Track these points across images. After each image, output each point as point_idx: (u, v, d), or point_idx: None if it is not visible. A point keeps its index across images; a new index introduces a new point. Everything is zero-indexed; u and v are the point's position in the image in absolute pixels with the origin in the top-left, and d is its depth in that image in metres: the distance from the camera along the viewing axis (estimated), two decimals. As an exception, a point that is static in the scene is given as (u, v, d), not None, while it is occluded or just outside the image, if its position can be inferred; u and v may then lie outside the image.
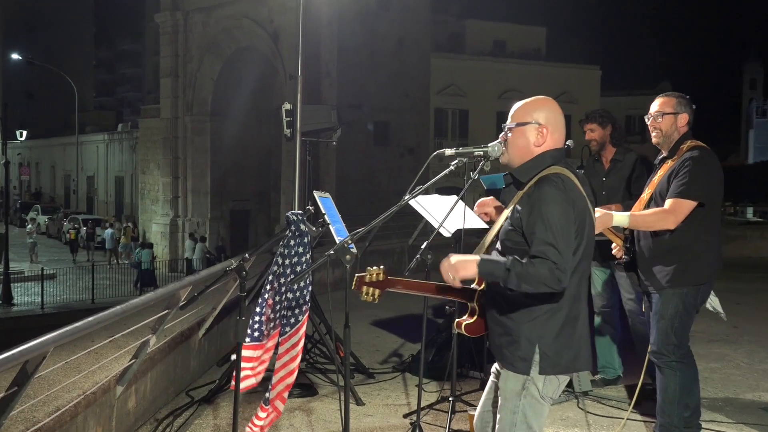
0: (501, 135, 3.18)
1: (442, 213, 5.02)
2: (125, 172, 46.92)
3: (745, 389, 6.17)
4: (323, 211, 5.42)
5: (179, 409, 5.43)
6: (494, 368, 3.27)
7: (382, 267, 3.24)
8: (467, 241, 4.66)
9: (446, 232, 5.14)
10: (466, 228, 4.61)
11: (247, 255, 4.34)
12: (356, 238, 3.58)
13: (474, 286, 3.25)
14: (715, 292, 4.63)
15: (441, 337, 6.43)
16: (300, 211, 4.69)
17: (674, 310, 4.40)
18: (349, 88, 28.35)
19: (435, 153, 3.48)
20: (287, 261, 4.49)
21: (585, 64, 42.90)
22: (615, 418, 5.32)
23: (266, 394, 4.37)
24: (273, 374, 4.40)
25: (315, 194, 5.59)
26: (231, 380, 5.56)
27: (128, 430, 4.81)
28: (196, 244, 31.12)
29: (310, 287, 4.55)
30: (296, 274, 4.42)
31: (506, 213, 3.12)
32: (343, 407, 3.93)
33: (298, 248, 4.51)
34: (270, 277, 4.51)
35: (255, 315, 4.48)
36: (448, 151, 3.35)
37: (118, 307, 3.91)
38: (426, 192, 3.67)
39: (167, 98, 34.32)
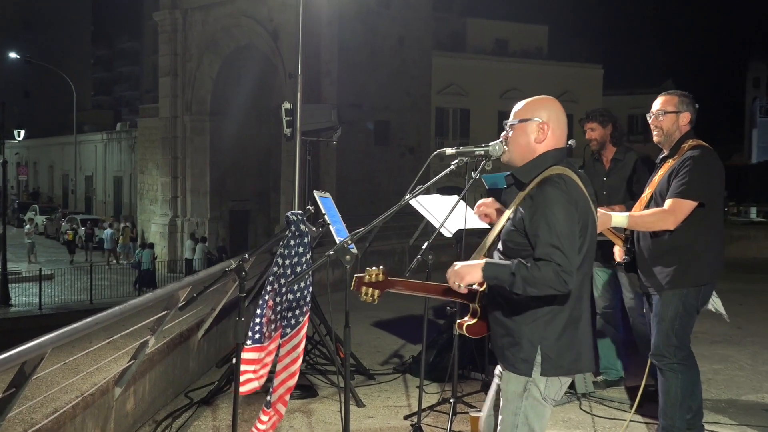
0: (503, 134, 3.18)
1: (443, 213, 5.03)
2: (124, 171, 46.95)
3: (748, 391, 6.17)
4: (323, 211, 5.42)
5: (178, 410, 5.43)
6: (498, 370, 3.27)
7: (381, 267, 3.22)
8: (468, 242, 4.65)
9: (447, 233, 5.14)
10: (467, 228, 4.60)
11: (246, 255, 4.34)
12: (356, 238, 3.58)
13: (476, 287, 3.25)
14: (717, 292, 4.62)
15: (442, 338, 6.43)
16: (300, 211, 4.70)
17: (674, 311, 4.38)
18: (350, 87, 28.35)
19: (436, 152, 3.47)
20: (287, 261, 4.49)
21: (587, 63, 42.90)
22: (617, 419, 5.32)
23: (268, 397, 4.37)
24: (274, 377, 4.40)
25: (315, 194, 5.59)
26: (230, 382, 5.57)
27: (127, 431, 4.81)
28: (197, 245, 31.12)
29: (310, 288, 4.55)
30: (296, 274, 4.42)
31: (508, 214, 3.10)
32: (343, 409, 3.93)
33: (298, 248, 4.52)
34: (270, 278, 4.51)
35: (256, 317, 4.48)
36: (449, 151, 3.35)
37: (116, 307, 3.91)
38: (427, 192, 3.67)
39: (166, 97, 34.32)
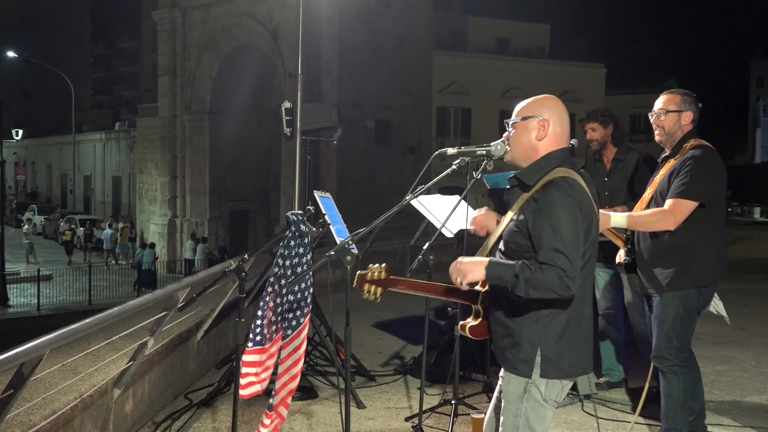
0: (505, 134, 3.17)
1: (445, 213, 5.02)
2: (123, 171, 46.96)
3: (752, 392, 6.16)
4: (324, 212, 5.42)
5: (177, 412, 5.43)
6: (502, 372, 3.27)
7: (384, 265, 3.20)
8: (470, 242, 4.64)
9: (448, 233, 5.14)
10: (468, 228, 4.59)
11: (246, 256, 4.34)
12: (357, 238, 3.58)
13: (478, 287, 3.24)
14: (721, 293, 4.61)
15: (443, 339, 6.43)
16: (300, 212, 4.70)
17: (675, 313, 4.36)
18: (350, 87, 28.35)
19: (437, 152, 3.47)
20: (287, 262, 4.49)
21: (589, 62, 42.84)
22: (620, 421, 5.32)
23: (270, 400, 4.36)
24: (276, 379, 4.40)
25: (315, 194, 5.59)
26: (230, 383, 5.57)
27: (126, 433, 4.81)
28: (198, 245, 31.06)
29: (311, 289, 4.55)
30: (297, 275, 4.42)
31: (511, 215, 3.10)
32: (343, 410, 3.93)
33: (299, 249, 4.52)
34: (271, 279, 4.51)
35: (256, 318, 4.48)
36: (450, 151, 3.35)
37: (115, 308, 3.91)
38: (428, 192, 3.67)
39: (165, 97, 34.32)
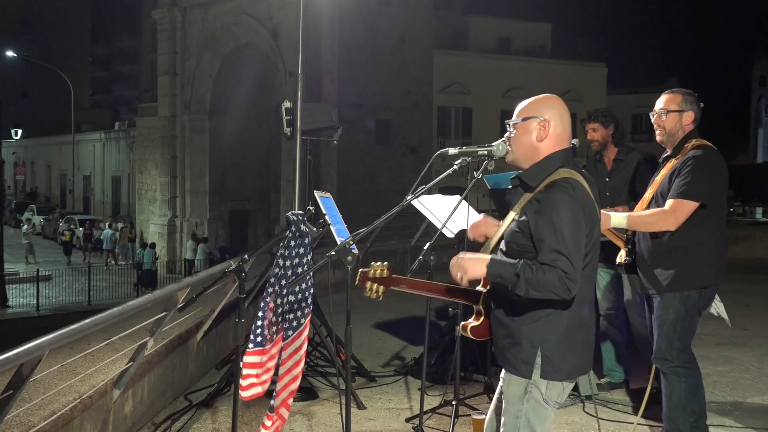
0: (506, 134, 3.17)
1: (445, 213, 5.02)
2: (122, 171, 46.96)
3: (754, 393, 6.16)
4: (324, 212, 5.42)
5: (177, 413, 5.43)
6: (503, 373, 3.27)
7: (386, 263, 3.21)
8: (471, 242, 4.65)
9: (449, 233, 5.14)
10: (468, 237, 4.59)
11: (246, 256, 4.34)
12: (358, 238, 3.58)
13: (480, 288, 3.25)
14: (722, 294, 4.60)
15: (444, 339, 6.42)
16: (300, 212, 4.70)
17: (675, 314, 4.35)
18: (351, 86, 28.34)
19: (438, 152, 3.47)
20: (288, 262, 4.49)
21: (591, 62, 42.82)
22: (622, 422, 5.32)
23: (271, 402, 4.36)
24: (277, 381, 4.39)
25: (316, 194, 5.59)
26: (230, 384, 5.57)
27: (125, 434, 4.81)
28: (198, 245, 31.02)
29: (311, 289, 4.55)
30: (297, 275, 4.42)
31: (512, 215, 3.10)
32: (344, 411, 3.93)
33: (299, 249, 4.52)
34: (272, 279, 4.51)
35: (257, 320, 4.48)
36: (451, 151, 3.34)
37: (115, 309, 3.91)
38: (429, 192, 3.66)
39: (165, 96, 34.33)
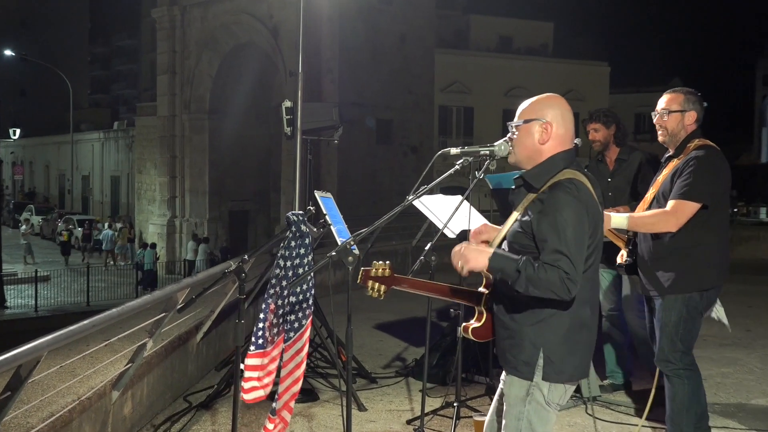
0: (508, 134, 3.17)
1: (447, 213, 5.02)
2: (121, 171, 46.96)
3: (758, 395, 6.15)
4: (324, 212, 5.42)
5: (177, 414, 5.43)
6: (503, 375, 3.27)
7: (388, 262, 3.23)
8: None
9: (451, 233, 5.14)
10: (471, 229, 4.59)
11: (246, 256, 4.34)
12: (358, 239, 3.58)
13: (482, 289, 3.25)
14: (726, 295, 4.58)
15: (445, 340, 6.42)
16: (301, 212, 4.70)
17: (677, 316, 4.32)
18: (351, 86, 28.34)
19: (440, 152, 3.47)
20: (288, 263, 4.49)
21: (593, 61, 42.82)
22: (624, 424, 5.31)
23: (273, 404, 4.36)
24: (279, 383, 4.39)
25: (316, 194, 5.59)
26: (230, 385, 5.57)
27: (124, 436, 4.81)
28: (200, 246, 30.94)
29: (312, 290, 4.54)
30: (298, 276, 4.42)
31: (516, 215, 3.11)
32: (344, 413, 3.93)
33: (300, 249, 4.51)
34: (273, 280, 4.50)
35: (258, 321, 4.47)
36: (453, 150, 3.34)
37: (113, 310, 3.91)
38: (430, 192, 3.66)
39: (164, 95, 34.32)
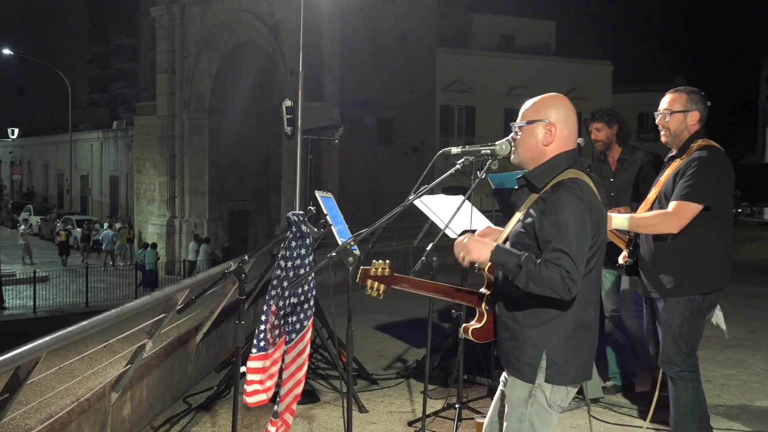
0: (511, 134, 3.17)
1: (448, 213, 5.02)
2: (120, 171, 46.97)
3: (762, 396, 6.15)
4: (325, 212, 5.42)
5: (176, 416, 5.43)
6: (503, 376, 3.27)
7: (388, 261, 3.23)
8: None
9: (452, 234, 5.13)
10: (472, 229, 4.59)
11: (246, 257, 4.34)
12: (359, 239, 3.59)
13: (483, 290, 3.25)
14: (729, 296, 4.58)
15: (447, 342, 6.42)
16: (301, 212, 4.70)
17: (681, 318, 4.31)
18: (352, 85, 28.33)
19: (441, 151, 3.47)
20: (289, 263, 4.49)
21: (596, 59, 42.81)
22: (627, 425, 5.31)
23: (275, 407, 4.35)
24: (281, 385, 4.39)
25: (317, 194, 5.59)
26: (230, 387, 5.57)
27: (123, 438, 4.81)
28: (201, 246, 30.92)
29: (313, 291, 4.54)
30: (298, 277, 4.42)
31: (518, 215, 3.11)
32: (345, 414, 3.93)
33: (300, 250, 4.51)
34: (274, 281, 4.50)
35: (260, 324, 4.47)
36: (454, 150, 3.35)
37: (113, 310, 3.91)
38: (431, 192, 3.67)
39: (164, 95, 34.33)
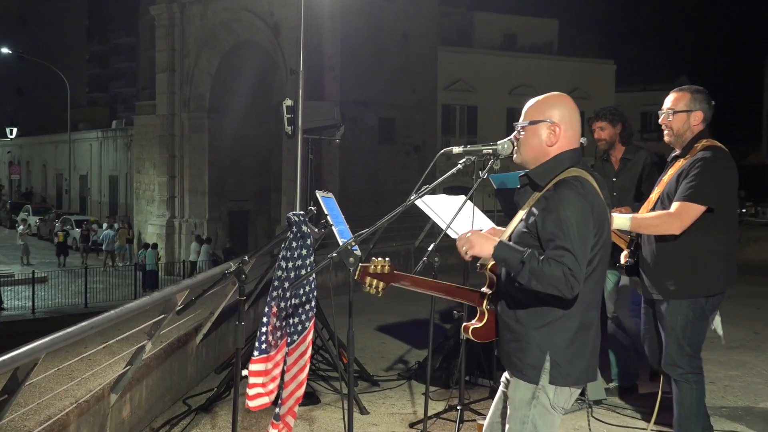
0: (514, 133, 3.17)
1: (450, 214, 5.02)
2: (119, 171, 46.97)
3: (766, 398, 6.15)
4: (326, 212, 5.43)
5: (176, 418, 5.44)
6: (504, 377, 3.27)
7: (387, 259, 3.23)
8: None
9: (454, 234, 5.13)
10: (474, 229, 4.59)
11: (246, 257, 4.34)
12: (360, 239, 3.59)
13: (484, 289, 3.25)
14: (733, 296, 4.57)
15: (448, 343, 6.42)
16: (302, 212, 4.70)
17: (684, 320, 4.30)
18: (353, 84, 28.34)
19: (442, 151, 3.48)
20: (290, 264, 4.49)
21: (599, 58, 42.77)
22: (630, 427, 5.31)
23: (277, 410, 4.35)
24: (283, 387, 4.38)
25: (317, 194, 5.60)
26: (230, 388, 5.57)
27: (123, 439, 4.82)
28: (202, 246, 30.92)
29: (315, 291, 4.54)
30: (299, 277, 4.42)
31: (521, 215, 3.11)
32: (346, 416, 3.93)
33: (301, 251, 4.51)
34: (275, 282, 4.50)
35: (261, 326, 4.47)
36: (456, 149, 3.35)
37: (112, 311, 3.91)
38: (433, 192, 3.67)
39: (163, 94, 34.34)
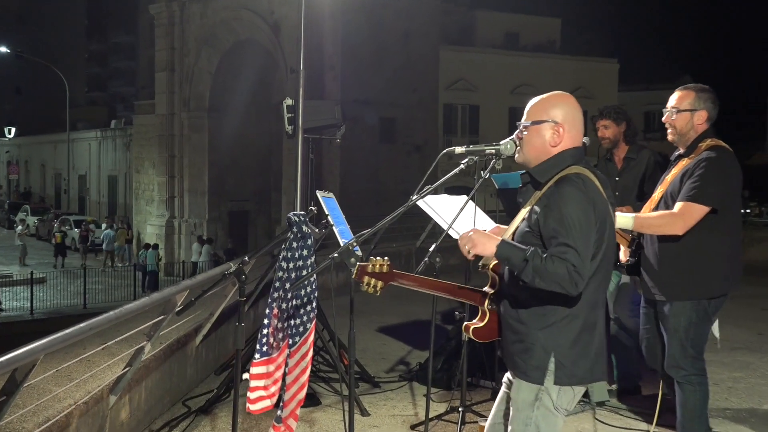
0: (516, 133, 3.17)
1: (452, 214, 5.02)
2: (119, 171, 46.99)
3: (770, 400, 6.15)
4: (326, 212, 5.42)
5: (175, 419, 5.44)
6: (506, 378, 3.27)
7: (386, 258, 3.23)
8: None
9: (456, 234, 5.13)
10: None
11: (246, 258, 4.34)
12: (361, 240, 3.59)
13: (486, 289, 3.25)
14: (737, 297, 4.55)
15: (450, 344, 6.42)
16: (302, 212, 4.70)
17: (687, 321, 4.29)
18: (354, 83, 28.34)
19: (444, 151, 3.48)
20: (291, 265, 4.49)
21: (602, 57, 42.75)
22: (634, 429, 5.31)
23: (278, 412, 4.35)
24: (285, 389, 4.38)
25: (318, 194, 5.59)
26: (230, 390, 5.57)
27: (122, 441, 4.82)
28: (203, 247, 30.90)
29: (316, 292, 4.54)
30: (300, 278, 4.42)
31: (523, 213, 3.11)
32: (347, 418, 3.94)
33: (302, 251, 4.51)
34: (276, 283, 4.50)
35: (262, 328, 4.47)
36: (458, 149, 3.35)
37: (111, 312, 3.91)
38: (435, 192, 3.67)
39: (163, 93, 34.36)
